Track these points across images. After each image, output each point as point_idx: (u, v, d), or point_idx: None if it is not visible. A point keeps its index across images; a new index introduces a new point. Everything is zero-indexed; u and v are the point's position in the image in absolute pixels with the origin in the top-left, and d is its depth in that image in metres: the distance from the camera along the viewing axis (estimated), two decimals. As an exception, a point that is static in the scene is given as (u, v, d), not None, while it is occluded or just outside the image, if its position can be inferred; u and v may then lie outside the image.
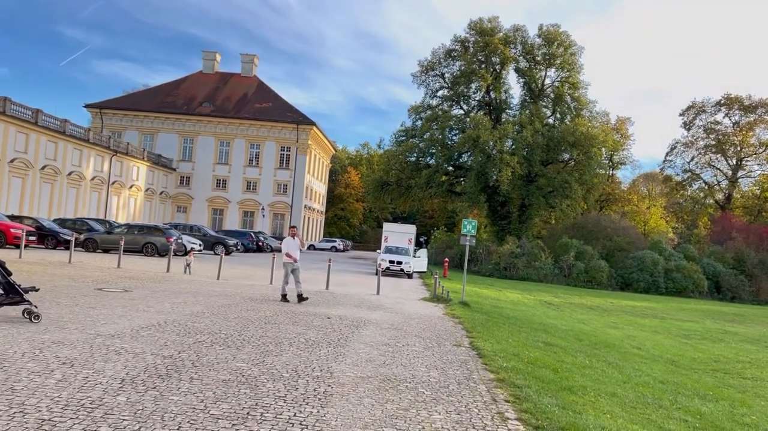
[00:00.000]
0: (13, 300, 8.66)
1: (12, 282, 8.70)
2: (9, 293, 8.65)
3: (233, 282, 18.73)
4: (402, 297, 18.75)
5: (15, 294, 8.66)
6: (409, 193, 57.01)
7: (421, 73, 57.93)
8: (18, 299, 8.68)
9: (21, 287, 8.77)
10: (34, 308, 8.78)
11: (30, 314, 8.72)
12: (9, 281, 8.67)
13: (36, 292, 9.51)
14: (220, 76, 73.58)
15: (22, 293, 8.71)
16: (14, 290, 8.66)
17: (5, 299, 8.64)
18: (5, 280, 8.65)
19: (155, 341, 8.13)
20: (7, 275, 8.69)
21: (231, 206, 67.20)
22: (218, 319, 10.77)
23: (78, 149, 48.17)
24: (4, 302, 8.65)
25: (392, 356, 8.79)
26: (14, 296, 8.65)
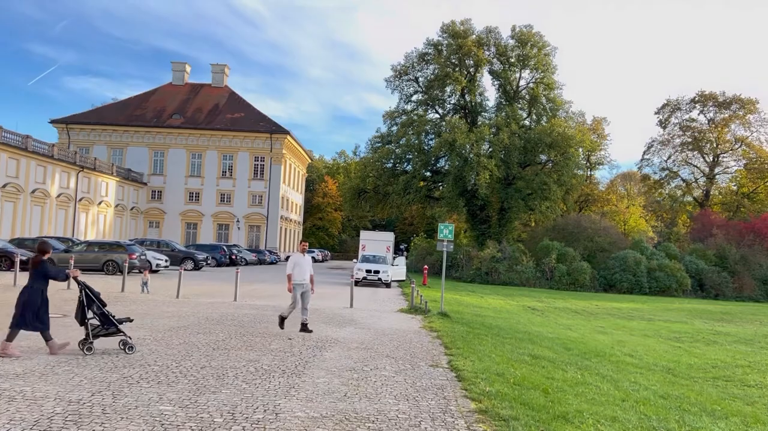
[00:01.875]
0: (108, 331, 8.75)
1: (107, 313, 8.79)
2: (104, 324, 8.73)
3: (193, 301, 17.31)
4: (377, 309, 17.49)
5: (110, 325, 8.75)
6: (387, 200, 55.88)
7: (395, 78, 56.96)
8: (114, 330, 8.77)
9: (116, 319, 8.84)
10: (128, 340, 8.85)
11: (125, 346, 8.78)
12: (104, 313, 8.75)
13: (130, 322, 9.49)
14: (191, 87, 71.91)
15: (116, 324, 8.79)
16: (109, 321, 8.75)
17: (101, 331, 8.73)
18: (100, 311, 8.74)
19: (68, 380, 6.78)
20: (102, 306, 8.75)
21: (205, 220, 65.42)
22: (159, 346, 9.42)
23: (42, 165, 46.24)
24: (100, 334, 8.73)
25: (356, 385, 7.53)
26: (109, 327, 8.74)
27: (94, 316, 8.72)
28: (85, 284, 8.77)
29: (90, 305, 8.70)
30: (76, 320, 8.86)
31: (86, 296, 8.70)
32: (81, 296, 8.73)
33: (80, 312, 8.72)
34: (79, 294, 8.75)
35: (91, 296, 8.72)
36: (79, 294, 8.75)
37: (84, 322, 8.67)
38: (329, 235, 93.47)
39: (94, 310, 8.70)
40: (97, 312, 8.70)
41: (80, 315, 8.72)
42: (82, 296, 8.72)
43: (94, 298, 8.73)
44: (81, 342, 8.68)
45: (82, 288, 8.73)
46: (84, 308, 8.67)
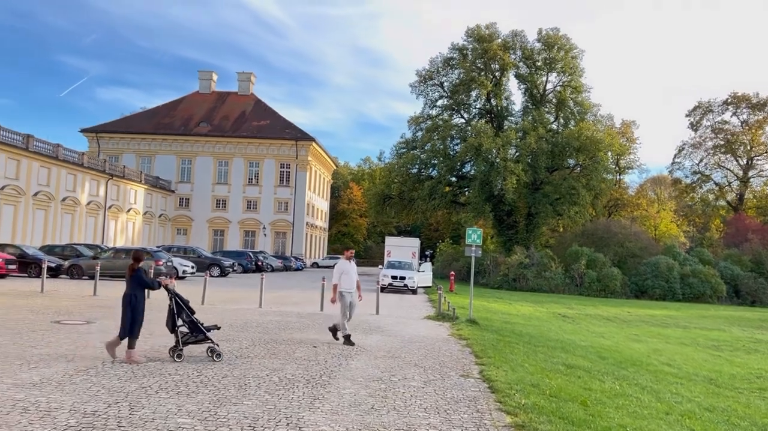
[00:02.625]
0: (197, 339, 8.81)
1: (196, 321, 8.83)
2: (193, 331, 8.79)
3: (218, 307, 17.14)
4: (404, 316, 17.11)
5: (198, 333, 8.80)
6: (412, 206, 55.46)
7: (420, 84, 56.63)
8: (202, 337, 8.82)
9: (203, 326, 8.88)
10: (216, 347, 8.90)
11: (212, 353, 8.83)
12: (193, 320, 8.79)
13: (218, 330, 9.46)
14: (217, 95, 72.55)
15: (205, 331, 8.83)
16: (198, 328, 8.80)
17: (190, 338, 8.79)
18: (189, 319, 8.78)
19: (86, 390, 6.54)
20: (190, 314, 8.80)
21: (232, 227, 65.75)
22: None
23: (72, 173, 46.89)
24: (189, 341, 8.80)
25: (384, 396, 7.17)
26: (197, 334, 8.79)
27: (183, 324, 8.79)
28: (176, 293, 8.86)
29: (180, 313, 8.78)
30: (167, 327, 8.94)
31: (176, 305, 8.78)
32: (171, 304, 8.83)
33: (170, 320, 8.82)
34: (169, 302, 8.85)
35: (180, 304, 8.80)
36: (170, 302, 8.85)
37: (174, 330, 8.79)
38: (354, 241, 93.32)
39: (183, 318, 8.77)
40: (186, 320, 8.77)
41: (170, 323, 8.83)
42: (172, 304, 8.82)
43: (184, 306, 8.81)
44: (171, 349, 8.83)
45: (172, 296, 8.83)
46: (174, 316, 8.76)
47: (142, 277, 8.82)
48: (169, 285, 8.98)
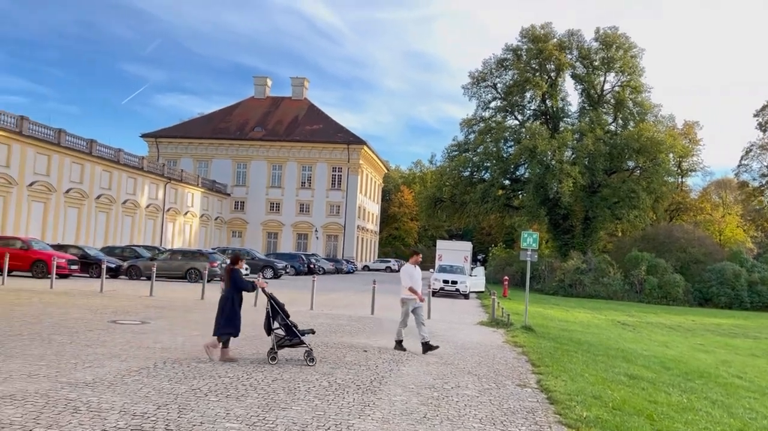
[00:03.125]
0: (292, 342, 8.81)
1: (290, 324, 8.82)
2: (288, 334, 8.80)
3: (270, 309, 17.17)
4: (456, 322, 16.73)
5: (293, 336, 8.79)
6: (464, 209, 54.81)
7: (473, 85, 56.01)
8: (297, 341, 8.80)
9: (298, 330, 8.85)
10: (311, 351, 8.87)
11: (308, 356, 8.80)
12: (288, 324, 8.79)
13: (313, 335, 9.39)
14: (272, 100, 73.77)
15: (300, 335, 8.80)
16: (292, 332, 8.78)
17: (285, 341, 8.80)
18: (284, 322, 8.78)
19: (136, 391, 6.51)
20: (286, 317, 8.80)
21: (285, 229, 66.65)
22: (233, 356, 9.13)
23: (132, 177, 48.46)
24: (285, 344, 8.81)
25: (436, 405, 6.88)
26: (293, 338, 8.79)
27: (279, 327, 8.81)
28: (272, 296, 8.91)
29: (275, 316, 8.80)
30: (264, 330, 9.00)
31: (272, 308, 8.82)
32: (267, 307, 8.87)
33: (267, 323, 8.89)
34: (266, 305, 8.90)
35: (276, 307, 8.82)
36: (267, 305, 8.90)
37: (270, 332, 8.85)
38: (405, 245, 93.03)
39: (279, 321, 8.80)
40: (282, 323, 8.78)
41: (267, 326, 8.89)
42: (268, 307, 8.86)
43: (279, 309, 8.81)
44: (268, 352, 8.89)
45: (269, 299, 8.86)
46: (270, 320, 8.81)
47: (236, 278, 8.93)
48: (265, 288, 9.07)
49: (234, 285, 8.92)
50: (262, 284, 9.17)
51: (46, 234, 37.54)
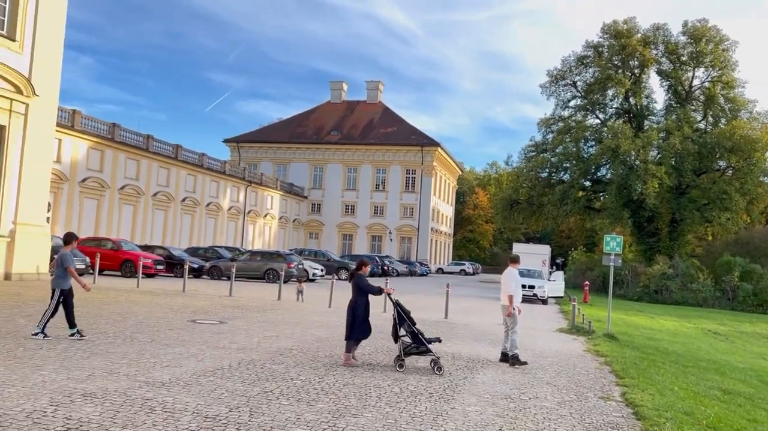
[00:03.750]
0: (419, 350, 8.70)
1: (417, 332, 8.72)
2: (415, 342, 8.70)
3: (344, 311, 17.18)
4: (533, 328, 16.16)
5: (420, 344, 8.68)
6: (542, 211, 53.34)
7: (551, 84, 54.47)
8: (424, 349, 8.70)
9: (425, 338, 8.74)
10: (438, 360, 8.70)
11: (435, 365, 8.63)
12: (414, 331, 8.71)
13: (439, 343, 9.30)
14: (347, 104, 74.72)
15: (426, 343, 8.69)
16: (419, 339, 8.69)
17: (413, 349, 8.71)
18: (411, 329, 8.71)
19: (210, 392, 6.57)
20: (412, 324, 8.72)
21: (359, 231, 67.28)
22: (304, 359, 9.13)
23: (215, 181, 50.29)
24: (412, 352, 8.72)
25: (513, 417, 6.56)
26: (419, 345, 8.68)
27: (406, 334, 8.76)
28: (398, 303, 8.87)
29: (401, 323, 8.74)
30: (392, 337, 9.01)
31: (398, 315, 8.77)
32: (394, 313, 8.85)
33: (394, 329, 8.88)
34: (393, 312, 8.88)
35: (402, 314, 8.75)
36: (393, 312, 8.87)
37: (397, 339, 8.81)
38: (480, 247, 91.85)
39: (405, 328, 8.73)
40: (408, 330, 8.71)
41: (394, 332, 8.89)
42: (395, 314, 8.83)
43: (405, 317, 8.74)
44: (395, 359, 8.83)
45: (395, 306, 8.83)
46: (397, 327, 8.78)
47: (361, 283, 8.96)
48: (392, 294, 9.04)
49: (360, 290, 8.95)
50: (388, 290, 9.10)
51: (135, 235, 39.50)
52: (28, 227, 20.06)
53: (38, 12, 20.35)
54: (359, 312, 8.92)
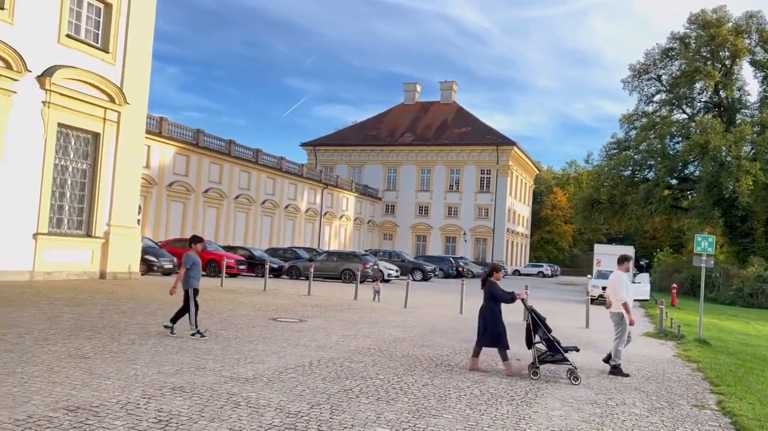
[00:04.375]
0: (554, 358, 8.48)
1: (552, 339, 8.52)
2: (550, 350, 8.49)
3: (419, 311, 17.20)
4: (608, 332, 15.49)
5: (556, 352, 8.46)
6: (625, 211, 51.23)
7: (633, 79, 52.21)
8: (560, 357, 8.46)
9: (561, 346, 8.52)
10: (575, 370, 8.39)
11: (571, 375, 8.34)
12: (549, 339, 8.51)
13: (577, 352, 9.09)
14: (421, 105, 74.71)
15: (562, 351, 8.45)
16: (554, 347, 8.47)
17: (547, 356, 8.50)
18: (546, 337, 8.51)
19: (292, 389, 6.69)
20: (547, 331, 8.52)
21: (433, 232, 67.06)
22: (382, 358, 9.14)
23: (293, 183, 51.55)
24: (547, 360, 8.51)
25: (600, 422, 6.29)
26: (555, 353, 8.46)
27: (540, 341, 8.59)
28: (533, 309, 8.71)
29: (536, 330, 8.57)
30: (525, 344, 8.83)
31: (533, 321, 8.60)
32: (528, 320, 8.71)
33: (527, 336, 8.71)
34: (526, 318, 8.71)
35: (537, 320, 8.58)
36: (527, 318, 8.71)
37: (531, 346, 8.64)
38: (558, 249, 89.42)
39: (540, 335, 8.55)
40: (543, 338, 8.53)
41: (528, 339, 8.70)
42: (528, 320, 8.69)
43: (540, 323, 8.56)
44: (528, 366, 8.63)
45: (529, 312, 8.68)
46: (531, 333, 8.62)
47: (493, 289, 8.82)
48: (525, 300, 8.83)
49: (492, 297, 8.80)
50: (521, 296, 8.85)
51: (218, 236, 41.06)
52: (120, 229, 21.23)
53: (129, 25, 21.51)
54: (489, 319, 8.73)
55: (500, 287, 8.95)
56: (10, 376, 6.36)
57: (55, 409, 5.27)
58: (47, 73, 18.35)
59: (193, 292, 9.85)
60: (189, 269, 9.89)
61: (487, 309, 8.81)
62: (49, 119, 18.60)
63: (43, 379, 6.33)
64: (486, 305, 8.86)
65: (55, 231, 19.16)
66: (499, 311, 8.84)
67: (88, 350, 8.08)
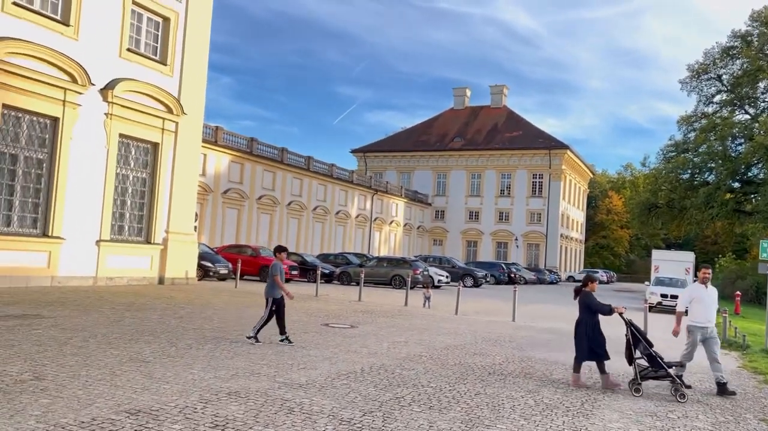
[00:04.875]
0: (657, 374, 8.20)
1: (654, 355, 8.21)
2: (652, 365, 8.22)
3: (471, 318, 17.04)
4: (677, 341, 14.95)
5: (658, 368, 8.16)
6: (684, 215, 49.42)
7: (692, 79, 50.42)
8: (663, 373, 8.14)
9: (664, 361, 8.21)
10: (680, 386, 8.07)
11: (676, 393, 8.01)
12: (651, 354, 8.23)
13: (683, 368, 8.79)
14: (470, 110, 74.28)
15: (665, 367, 8.13)
16: (656, 363, 8.17)
17: (649, 372, 8.22)
18: (647, 352, 8.25)
19: (344, 395, 6.73)
20: (648, 346, 8.26)
21: (484, 238, 66.41)
22: (434, 365, 9.08)
23: (344, 190, 52.02)
24: (649, 376, 8.24)
25: (661, 437, 6.08)
26: (658, 369, 8.17)
27: (641, 356, 8.32)
28: (632, 323, 8.43)
29: (636, 345, 8.30)
30: (626, 359, 8.58)
31: (632, 335, 8.35)
32: (627, 334, 8.44)
33: (627, 351, 8.46)
34: (626, 332, 8.48)
35: (637, 335, 8.33)
36: (626, 333, 8.46)
37: (632, 362, 8.38)
38: (614, 254, 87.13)
39: (641, 350, 8.27)
40: (644, 353, 8.24)
41: (628, 354, 8.47)
42: (628, 334, 8.42)
43: (641, 338, 8.30)
44: (630, 382, 8.32)
45: (628, 326, 8.42)
46: (631, 348, 8.36)
47: (588, 301, 8.55)
48: (623, 314, 8.48)
49: (587, 309, 8.53)
50: (620, 310, 8.46)
51: (271, 242, 41.75)
52: (178, 236, 21.87)
53: (186, 38, 22.22)
54: (587, 333, 8.45)
55: (596, 298, 8.63)
56: (75, 379, 6.63)
57: (117, 412, 5.46)
58: (109, 86, 19.13)
59: (272, 301, 9.96)
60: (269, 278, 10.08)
61: (584, 321, 8.53)
62: (111, 130, 19.37)
63: (106, 382, 6.57)
64: (582, 318, 8.57)
65: (117, 238, 19.91)
66: (597, 322, 8.53)
67: (147, 354, 8.35)
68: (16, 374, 6.65)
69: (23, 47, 16.55)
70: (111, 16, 19.42)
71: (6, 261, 16.34)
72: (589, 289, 8.66)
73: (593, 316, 8.51)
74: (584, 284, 8.70)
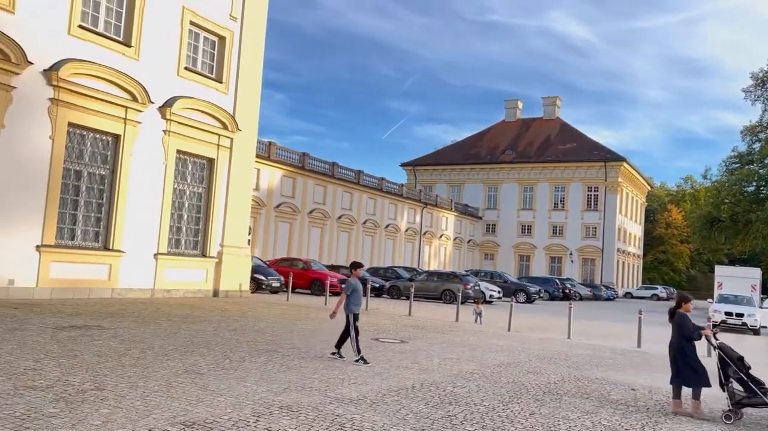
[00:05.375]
0: (752, 401, 7.68)
1: (744, 379, 7.73)
2: (747, 391, 7.73)
3: (524, 335, 16.67)
4: (745, 362, 14.22)
5: (753, 395, 7.65)
6: (749, 230, 47.28)
7: (756, 87, 48.49)
8: (759, 401, 7.60)
9: (761, 387, 7.62)
10: None
11: None
12: (741, 378, 7.76)
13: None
14: (522, 122, 73.43)
15: (761, 394, 7.56)
16: (750, 389, 7.68)
17: (744, 398, 7.72)
18: (738, 376, 7.78)
19: (395, 412, 6.65)
20: (738, 370, 7.80)
21: (537, 252, 65.20)
22: (486, 383, 8.89)
23: (393, 203, 52.12)
24: (743, 402, 7.73)
25: (729, 465, 5.74)
26: (752, 396, 7.66)
27: (733, 381, 7.89)
28: (722, 346, 8.01)
29: (725, 369, 7.90)
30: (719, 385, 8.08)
31: (721, 359, 7.96)
32: (717, 360, 8.08)
33: (720, 376, 8.01)
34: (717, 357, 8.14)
35: (726, 359, 7.90)
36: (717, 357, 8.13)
37: (724, 388, 7.95)
38: (674, 270, 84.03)
39: (731, 374, 7.85)
40: (735, 377, 7.79)
41: (720, 380, 8.00)
42: (718, 360, 8.08)
43: (730, 361, 7.86)
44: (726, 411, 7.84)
45: (717, 350, 8.09)
46: (722, 373, 7.96)
47: (683, 324, 8.19)
48: (710, 338, 8.17)
49: (678, 330, 8.18)
50: (707, 333, 8.14)
51: (322, 255, 42.16)
52: (232, 249, 22.32)
53: (240, 56, 22.81)
54: (681, 355, 8.11)
55: (689, 320, 8.20)
56: (133, 390, 6.78)
57: (173, 424, 5.55)
58: (168, 103, 19.78)
59: (353, 317, 10.04)
60: (350, 295, 10.13)
61: (679, 345, 8.15)
62: (169, 146, 20.00)
63: (162, 394, 6.70)
64: (677, 341, 8.19)
65: (174, 251, 20.45)
66: (693, 346, 8.14)
67: (202, 366, 8.48)
68: (78, 383, 6.86)
69: (87, 68, 17.30)
70: (170, 36, 20.13)
71: (70, 273, 17.01)
72: (684, 310, 8.23)
73: (685, 338, 8.12)
74: (678, 306, 8.29)
